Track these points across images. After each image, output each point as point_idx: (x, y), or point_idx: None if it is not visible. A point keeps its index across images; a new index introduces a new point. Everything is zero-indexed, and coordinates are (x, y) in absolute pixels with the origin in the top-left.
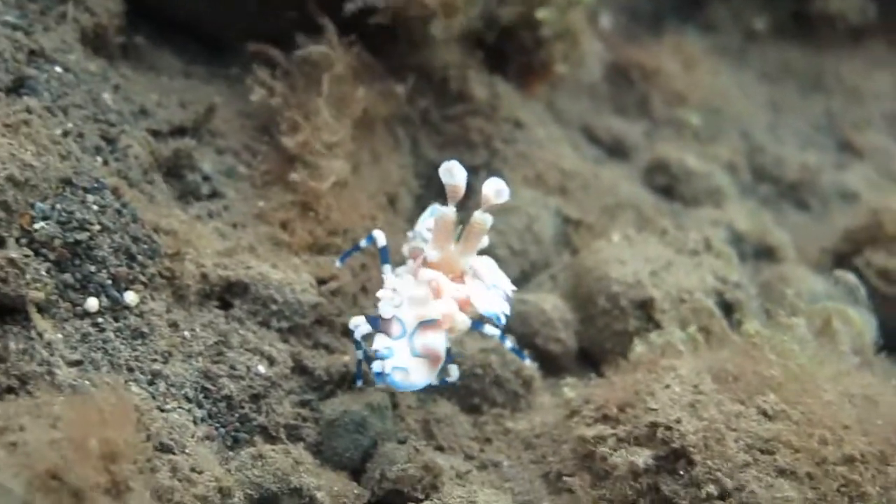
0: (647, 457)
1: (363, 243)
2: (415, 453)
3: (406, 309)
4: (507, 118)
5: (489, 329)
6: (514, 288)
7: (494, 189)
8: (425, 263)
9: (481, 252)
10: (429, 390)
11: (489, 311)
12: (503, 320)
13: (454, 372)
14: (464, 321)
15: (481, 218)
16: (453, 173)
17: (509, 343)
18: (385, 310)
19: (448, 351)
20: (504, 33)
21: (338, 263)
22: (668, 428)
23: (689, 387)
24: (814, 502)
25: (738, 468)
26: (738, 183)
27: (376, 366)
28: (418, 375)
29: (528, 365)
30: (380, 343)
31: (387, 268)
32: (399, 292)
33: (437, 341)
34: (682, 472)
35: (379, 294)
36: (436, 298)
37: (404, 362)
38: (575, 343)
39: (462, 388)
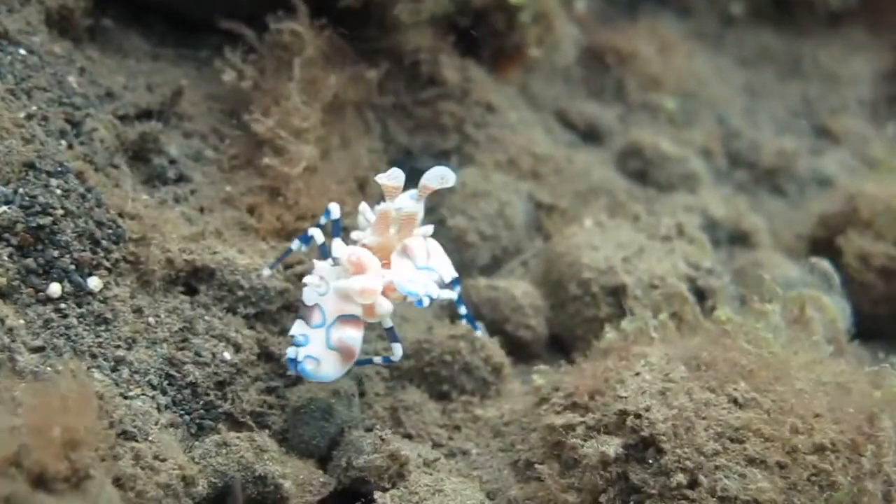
0: (617, 446)
1: (322, 220)
2: (381, 443)
3: (330, 299)
4: (478, 102)
5: (444, 293)
6: (455, 274)
7: (439, 176)
8: (362, 246)
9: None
10: (390, 370)
11: (408, 290)
12: (425, 303)
13: (398, 351)
14: (384, 304)
15: (414, 207)
16: (391, 176)
17: (464, 310)
18: (308, 297)
19: (391, 329)
20: (477, 17)
21: (296, 244)
22: (638, 416)
23: (659, 374)
24: (784, 491)
25: (707, 457)
26: (713, 168)
27: (290, 351)
28: (329, 368)
29: (481, 336)
30: (297, 329)
31: (337, 241)
32: (326, 280)
33: (354, 337)
34: (651, 461)
35: (306, 280)
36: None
37: (318, 353)
38: (546, 329)
39: (431, 376)
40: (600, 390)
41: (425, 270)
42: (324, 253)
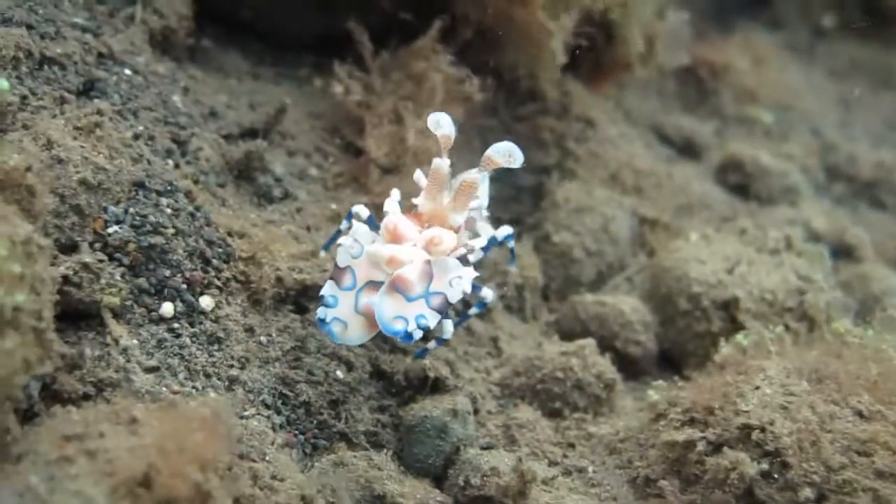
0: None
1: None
2: (518, 463)
3: (362, 263)
4: (578, 117)
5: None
6: (467, 291)
7: (506, 152)
8: (416, 213)
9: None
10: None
11: (391, 329)
12: (416, 336)
13: (448, 327)
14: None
15: (473, 176)
16: (440, 123)
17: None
18: (341, 259)
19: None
20: (576, 32)
21: (344, 224)
22: (762, 430)
23: (779, 388)
24: None
25: (835, 471)
26: (811, 181)
27: (320, 311)
28: (355, 332)
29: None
30: (328, 290)
31: (391, 202)
32: (360, 244)
33: None
34: (776, 476)
35: (341, 240)
36: (392, 243)
37: (345, 316)
38: (655, 345)
39: (543, 393)
40: (719, 405)
41: (419, 300)
42: (372, 226)
